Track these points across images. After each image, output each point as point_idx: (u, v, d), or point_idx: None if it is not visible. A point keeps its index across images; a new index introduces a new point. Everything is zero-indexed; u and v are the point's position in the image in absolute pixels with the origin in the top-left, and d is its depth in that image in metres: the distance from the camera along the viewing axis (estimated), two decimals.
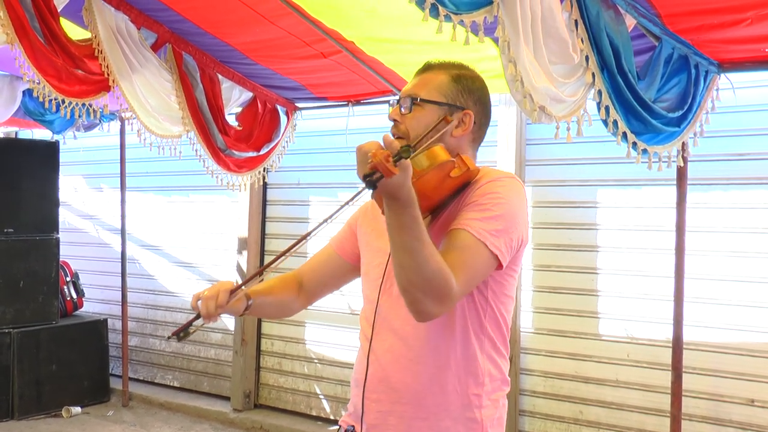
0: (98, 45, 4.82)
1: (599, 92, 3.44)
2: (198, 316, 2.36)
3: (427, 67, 2.44)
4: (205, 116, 5.55)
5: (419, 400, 2.32)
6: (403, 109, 2.37)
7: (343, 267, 2.68)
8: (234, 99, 5.92)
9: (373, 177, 1.88)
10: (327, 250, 2.74)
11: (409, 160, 1.95)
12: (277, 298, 2.66)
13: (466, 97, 2.40)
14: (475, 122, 2.40)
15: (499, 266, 2.24)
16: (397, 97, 2.47)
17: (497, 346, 2.39)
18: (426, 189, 2.16)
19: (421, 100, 2.35)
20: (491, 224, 2.19)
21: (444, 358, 2.31)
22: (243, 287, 2.43)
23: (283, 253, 2.40)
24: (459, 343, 2.32)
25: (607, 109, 3.50)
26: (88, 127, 7.52)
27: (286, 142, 6.45)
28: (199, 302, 2.34)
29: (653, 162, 3.98)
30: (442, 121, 2.26)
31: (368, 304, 2.47)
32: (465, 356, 2.33)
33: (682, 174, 4.54)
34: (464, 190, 2.29)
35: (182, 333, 2.41)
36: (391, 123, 2.43)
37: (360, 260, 2.61)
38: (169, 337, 2.45)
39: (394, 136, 2.37)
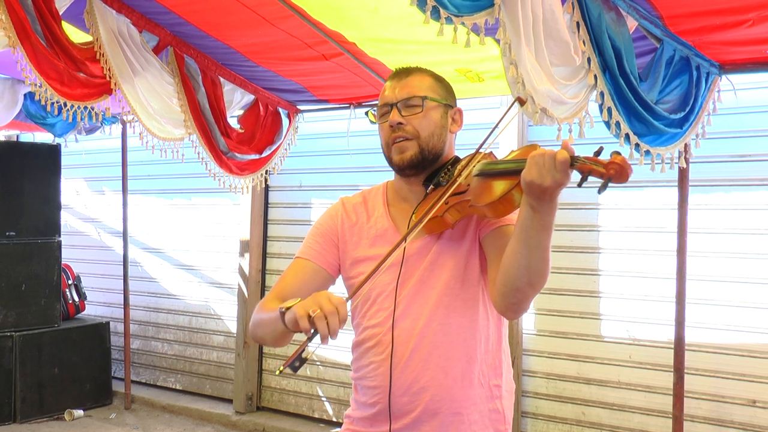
0: (100, 48, 4.83)
1: (601, 94, 3.45)
2: (312, 337, 2.03)
3: (409, 71, 2.46)
4: (207, 119, 5.56)
5: (452, 395, 2.34)
6: (403, 111, 2.38)
7: (328, 280, 2.55)
8: (236, 102, 5.93)
9: (606, 184, 1.92)
10: (307, 266, 2.54)
11: None
12: None
13: (450, 95, 2.49)
14: None
15: None
16: (379, 103, 2.44)
17: (505, 336, 2.46)
18: None
19: (431, 99, 2.39)
20: None
21: (472, 351, 2.36)
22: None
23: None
24: (483, 334, 2.37)
25: (609, 110, 3.51)
26: (90, 130, 7.52)
27: (288, 144, 6.45)
28: (314, 321, 2.00)
29: (656, 163, 3.98)
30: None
31: (378, 310, 2.44)
32: (487, 348, 2.39)
33: (683, 175, 4.55)
34: None
35: (297, 362, 2.03)
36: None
37: (338, 270, 2.56)
38: (281, 371, 2.05)
39: (399, 139, 2.39)
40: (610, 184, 1.91)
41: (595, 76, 3.39)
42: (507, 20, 2.90)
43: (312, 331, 2.01)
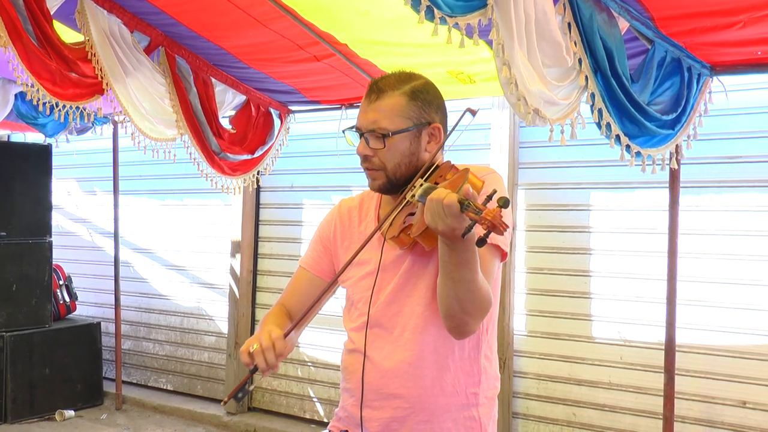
0: (91, 48, 4.82)
1: (592, 95, 3.46)
2: (254, 371, 2.23)
3: (379, 92, 2.35)
4: (199, 119, 5.55)
5: (421, 403, 2.35)
6: (371, 143, 2.34)
7: (325, 287, 2.58)
8: (227, 102, 5.92)
9: (486, 236, 1.89)
10: (305, 276, 2.64)
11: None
12: None
13: (428, 110, 2.37)
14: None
15: (504, 257, 2.33)
16: (350, 129, 2.43)
17: (489, 342, 2.45)
18: None
19: (393, 133, 2.31)
20: None
21: (443, 360, 2.35)
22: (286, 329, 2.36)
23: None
24: (457, 343, 2.36)
25: (600, 111, 3.51)
26: (81, 131, 7.50)
27: (280, 145, 6.45)
28: (253, 356, 2.21)
29: (647, 165, 3.99)
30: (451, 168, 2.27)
31: (359, 314, 2.48)
32: (462, 356, 2.37)
33: (674, 177, 4.56)
34: None
35: (240, 394, 2.26)
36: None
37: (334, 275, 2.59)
38: (225, 402, 2.32)
39: (368, 169, 2.38)
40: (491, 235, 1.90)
41: (587, 77, 3.39)
42: (500, 21, 2.90)
43: (254, 365, 2.22)
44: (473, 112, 2.32)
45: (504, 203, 1.89)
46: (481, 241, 1.89)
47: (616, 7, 3.50)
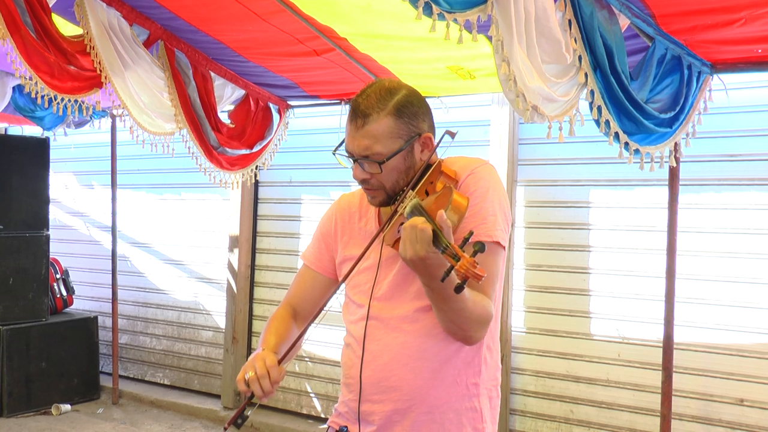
0: (90, 41, 4.79)
1: (592, 92, 3.44)
2: (251, 398, 2.30)
3: (365, 117, 2.31)
4: (197, 113, 5.53)
5: (422, 395, 2.35)
6: (366, 168, 2.34)
7: (328, 284, 2.64)
8: (226, 96, 5.91)
9: (463, 284, 1.94)
10: (308, 273, 2.67)
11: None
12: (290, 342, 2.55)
13: (416, 123, 2.36)
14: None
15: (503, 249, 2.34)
16: (339, 149, 2.42)
17: (492, 332, 2.44)
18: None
19: (388, 158, 2.30)
20: (494, 222, 2.28)
21: (444, 351, 2.35)
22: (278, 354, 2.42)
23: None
24: None
25: (599, 109, 3.49)
26: (79, 124, 7.49)
27: (279, 139, 6.44)
28: (248, 383, 2.28)
29: (645, 162, 3.98)
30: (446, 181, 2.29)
31: (357, 308, 2.48)
32: (463, 347, 2.37)
33: (674, 174, 4.56)
34: None
35: (240, 419, 2.32)
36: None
37: (338, 270, 2.61)
38: (225, 428, 2.43)
39: (367, 189, 2.40)
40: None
41: (586, 74, 3.38)
42: (499, 17, 2.88)
43: (250, 392, 2.29)
44: (452, 135, 2.35)
45: (480, 248, 1.92)
46: (459, 288, 1.95)
47: (617, 4, 3.49)
